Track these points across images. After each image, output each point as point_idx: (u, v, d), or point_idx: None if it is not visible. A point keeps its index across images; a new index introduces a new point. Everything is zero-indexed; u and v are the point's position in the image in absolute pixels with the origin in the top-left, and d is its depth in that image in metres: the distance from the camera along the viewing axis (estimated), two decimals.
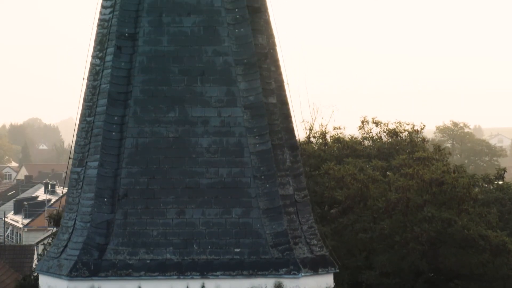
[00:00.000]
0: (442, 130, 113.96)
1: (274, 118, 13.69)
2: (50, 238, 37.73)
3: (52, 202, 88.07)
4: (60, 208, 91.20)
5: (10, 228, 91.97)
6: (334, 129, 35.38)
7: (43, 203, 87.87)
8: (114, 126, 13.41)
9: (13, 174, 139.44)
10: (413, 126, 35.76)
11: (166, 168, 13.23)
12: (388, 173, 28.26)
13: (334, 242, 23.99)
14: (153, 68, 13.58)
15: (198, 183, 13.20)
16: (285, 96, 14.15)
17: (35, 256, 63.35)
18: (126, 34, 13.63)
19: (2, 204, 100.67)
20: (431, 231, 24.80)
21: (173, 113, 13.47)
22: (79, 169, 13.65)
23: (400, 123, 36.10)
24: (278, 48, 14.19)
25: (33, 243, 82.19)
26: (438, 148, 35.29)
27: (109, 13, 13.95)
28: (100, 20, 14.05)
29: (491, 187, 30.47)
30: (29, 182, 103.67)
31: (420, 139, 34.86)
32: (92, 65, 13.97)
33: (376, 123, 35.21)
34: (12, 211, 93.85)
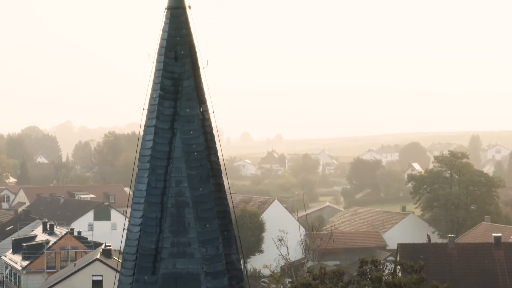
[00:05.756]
0: (441, 160, 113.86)
1: None
2: None
3: (50, 244, 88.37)
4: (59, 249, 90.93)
5: (9, 268, 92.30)
6: (335, 265, 35.52)
7: (41, 245, 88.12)
8: None
9: (11, 196, 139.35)
10: (412, 267, 35.93)
11: None
12: None
13: None
14: None
15: None
16: None
17: None
18: None
19: (1, 240, 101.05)
20: None
21: None
22: None
23: (398, 263, 36.30)
24: None
25: (32, 287, 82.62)
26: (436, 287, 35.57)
27: None
28: None
29: None
30: (27, 218, 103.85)
31: (418, 277, 35.11)
32: None
33: (375, 264, 35.35)
34: (11, 250, 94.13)
